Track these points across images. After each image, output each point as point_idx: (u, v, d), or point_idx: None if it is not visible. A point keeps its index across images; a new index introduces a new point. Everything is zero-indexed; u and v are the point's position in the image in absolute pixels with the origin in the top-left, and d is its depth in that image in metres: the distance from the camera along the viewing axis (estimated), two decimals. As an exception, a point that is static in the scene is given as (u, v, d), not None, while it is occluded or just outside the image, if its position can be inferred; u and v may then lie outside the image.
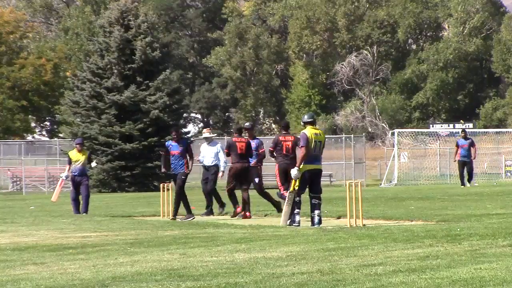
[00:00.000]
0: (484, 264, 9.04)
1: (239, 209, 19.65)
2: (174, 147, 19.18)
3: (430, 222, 15.66)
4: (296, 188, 15.76)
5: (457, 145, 32.86)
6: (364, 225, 15.18)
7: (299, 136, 17.88)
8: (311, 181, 15.75)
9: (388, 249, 10.79)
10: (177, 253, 11.09)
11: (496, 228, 13.20)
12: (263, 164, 21.43)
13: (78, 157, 21.62)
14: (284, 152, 18.22)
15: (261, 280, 8.36)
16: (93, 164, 23.21)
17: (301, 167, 15.57)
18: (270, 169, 54.59)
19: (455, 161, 34.09)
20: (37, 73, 67.60)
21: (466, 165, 32.58)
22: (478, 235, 12.20)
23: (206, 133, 20.67)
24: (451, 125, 67.74)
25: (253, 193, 20.20)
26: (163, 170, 19.48)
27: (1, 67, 67.05)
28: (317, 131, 15.91)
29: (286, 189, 18.01)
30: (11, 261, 10.65)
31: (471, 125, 66.83)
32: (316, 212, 15.74)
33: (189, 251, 11.31)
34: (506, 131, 52.39)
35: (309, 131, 15.70)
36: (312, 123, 15.90)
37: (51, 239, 13.80)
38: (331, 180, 46.72)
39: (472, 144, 32.91)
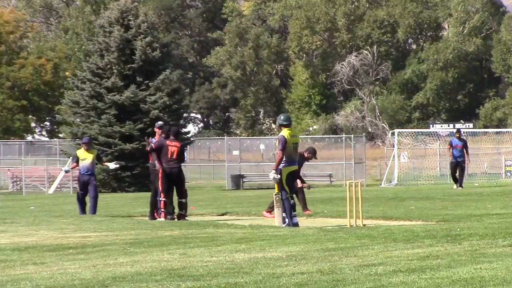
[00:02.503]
0: (484, 264, 9.04)
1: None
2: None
3: (430, 222, 15.66)
4: (279, 190, 15.85)
5: (450, 145, 32.37)
6: (364, 225, 15.18)
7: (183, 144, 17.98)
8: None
9: (388, 249, 10.79)
10: (177, 253, 11.09)
11: (496, 228, 13.20)
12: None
13: (85, 156, 21.44)
14: (169, 157, 18.18)
15: (261, 280, 8.36)
16: (113, 166, 22.86)
17: (283, 169, 15.65)
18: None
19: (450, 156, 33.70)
20: (37, 73, 67.60)
21: (459, 166, 32.17)
22: (478, 235, 12.19)
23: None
24: (451, 125, 67.72)
25: (253, 194, 20.16)
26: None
27: (1, 67, 67.04)
28: (294, 133, 16.03)
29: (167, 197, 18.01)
30: (11, 261, 10.65)
31: (471, 125, 66.78)
32: (294, 213, 15.92)
33: (189, 251, 11.31)
34: (506, 131, 52.37)
35: (286, 133, 15.74)
36: (289, 126, 15.93)
37: (51, 239, 13.79)
38: (331, 180, 46.70)
39: (465, 146, 32.40)
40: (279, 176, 15.68)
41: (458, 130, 33.55)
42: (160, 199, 18.44)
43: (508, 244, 10.91)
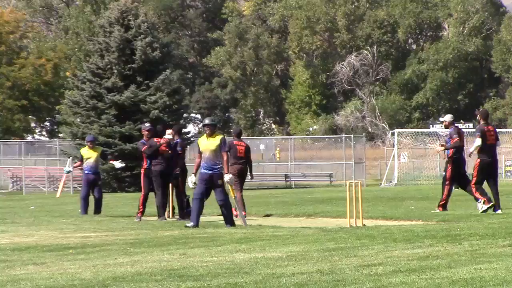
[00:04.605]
0: (484, 264, 9.04)
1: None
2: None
3: (430, 222, 15.66)
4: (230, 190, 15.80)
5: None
6: (364, 225, 15.18)
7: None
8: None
9: (388, 249, 10.79)
10: (177, 253, 11.09)
11: (496, 228, 13.20)
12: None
13: (90, 154, 21.25)
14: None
15: (261, 280, 8.36)
16: (119, 165, 22.66)
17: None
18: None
19: (444, 159, 33.22)
20: (37, 73, 67.56)
21: None
22: (478, 235, 12.20)
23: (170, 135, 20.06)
24: (451, 125, 67.70)
25: (253, 194, 20.16)
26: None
27: (1, 67, 67.02)
28: None
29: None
30: (11, 261, 10.65)
31: (471, 125, 66.76)
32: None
33: (189, 251, 11.31)
34: (506, 131, 52.38)
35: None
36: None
37: (51, 239, 13.79)
38: (331, 180, 46.69)
39: None
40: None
41: None
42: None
43: (508, 244, 10.91)
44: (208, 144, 15.59)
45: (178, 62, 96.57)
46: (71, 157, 42.77)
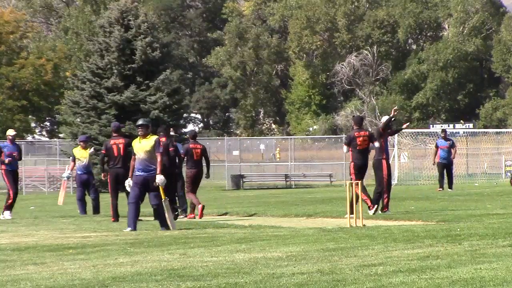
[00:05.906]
0: (484, 264, 9.04)
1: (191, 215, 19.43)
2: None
3: (430, 222, 15.66)
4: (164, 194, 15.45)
5: (436, 146, 31.19)
6: (364, 225, 15.18)
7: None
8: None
9: (388, 249, 10.79)
10: (177, 253, 11.09)
11: (496, 228, 13.20)
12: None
13: (82, 154, 21.31)
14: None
15: (261, 280, 8.36)
16: (90, 150, 22.46)
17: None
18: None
19: (434, 163, 32.06)
20: (37, 73, 67.53)
21: (446, 168, 30.52)
22: (478, 235, 12.20)
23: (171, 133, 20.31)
24: (451, 125, 67.71)
25: (253, 194, 20.14)
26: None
27: (1, 67, 67.00)
28: None
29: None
30: (11, 261, 10.65)
31: (471, 125, 66.72)
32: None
33: (189, 251, 11.31)
34: (506, 131, 52.40)
35: None
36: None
37: (51, 239, 13.80)
38: (331, 180, 46.70)
39: (452, 146, 31.33)
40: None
41: (444, 131, 32.39)
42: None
43: (508, 244, 10.91)
44: (141, 145, 15.23)
45: (178, 62, 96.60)
46: (71, 158, 42.77)
